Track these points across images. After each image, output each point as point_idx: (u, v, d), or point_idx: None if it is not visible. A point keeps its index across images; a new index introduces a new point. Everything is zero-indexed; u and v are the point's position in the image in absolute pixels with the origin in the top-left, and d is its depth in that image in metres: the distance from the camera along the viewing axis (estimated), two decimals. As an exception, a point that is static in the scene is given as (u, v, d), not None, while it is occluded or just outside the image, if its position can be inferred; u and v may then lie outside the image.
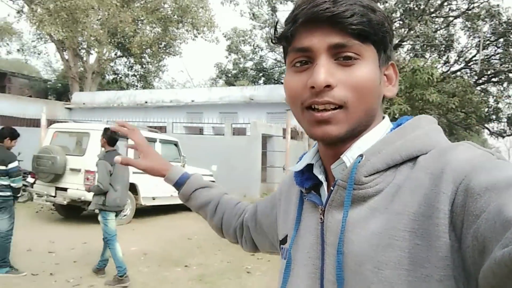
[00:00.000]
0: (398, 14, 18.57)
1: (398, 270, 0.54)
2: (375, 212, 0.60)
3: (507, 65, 19.20)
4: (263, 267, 5.87)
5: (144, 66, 28.35)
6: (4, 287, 4.51)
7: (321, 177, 0.70)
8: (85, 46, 23.70)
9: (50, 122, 12.69)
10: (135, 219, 8.79)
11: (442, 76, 16.97)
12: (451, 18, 19.05)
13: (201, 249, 6.72)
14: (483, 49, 18.75)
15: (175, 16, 24.44)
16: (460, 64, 20.56)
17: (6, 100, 18.93)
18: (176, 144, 9.95)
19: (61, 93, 27.84)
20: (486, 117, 19.16)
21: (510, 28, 18.04)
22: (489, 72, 19.73)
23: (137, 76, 29.32)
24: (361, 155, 0.62)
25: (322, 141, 0.66)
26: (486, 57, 19.37)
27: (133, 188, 8.74)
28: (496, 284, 0.41)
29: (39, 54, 27.89)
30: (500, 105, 19.11)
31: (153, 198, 9.32)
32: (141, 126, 13.10)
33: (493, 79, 20.19)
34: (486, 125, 20.29)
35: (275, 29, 0.66)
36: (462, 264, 0.50)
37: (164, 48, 26.39)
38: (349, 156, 0.64)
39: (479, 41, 18.39)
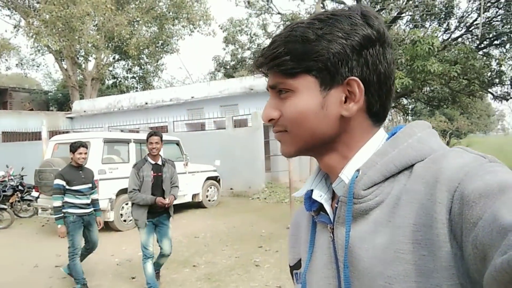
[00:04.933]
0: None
1: (407, 283, 0.55)
2: (378, 226, 0.61)
3: (509, 26, 18.71)
4: (271, 259, 5.81)
5: (142, 67, 28.32)
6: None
7: (320, 198, 0.72)
8: (83, 54, 23.69)
9: (53, 134, 12.73)
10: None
11: (443, 45, 16.62)
12: (450, -17, 18.55)
13: (208, 247, 6.67)
14: (484, 11, 18.30)
15: (170, 13, 24.30)
16: (461, 30, 20.09)
17: (7, 116, 19.03)
18: (177, 143, 9.87)
19: (62, 103, 27.97)
20: (489, 81, 18.76)
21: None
22: (491, 35, 19.26)
23: (136, 78, 29.31)
24: (357, 170, 0.64)
25: (284, 156, 0.74)
26: (487, 19, 18.90)
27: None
28: None
29: (38, 66, 28.02)
30: (503, 68, 18.63)
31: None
32: (142, 128, 13.08)
33: (495, 42, 19.70)
34: (489, 89, 19.86)
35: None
36: (467, 271, 0.51)
37: (162, 47, 26.31)
38: (346, 173, 0.67)
39: (480, 3, 17.92)
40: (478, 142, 66.53)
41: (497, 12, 19.17)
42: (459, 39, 19.68)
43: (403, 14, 18.82)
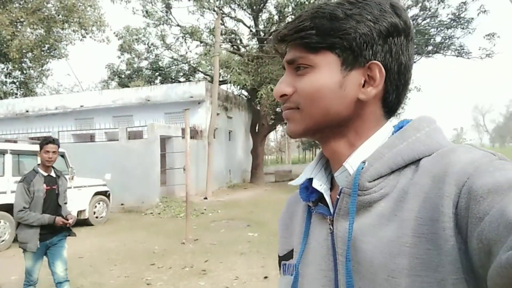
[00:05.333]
0: (290, 9, 19.18)
1: (411, 277, 0.54)
2: (382, 219, 0.60)
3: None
4: (164, 277, 5.56)
5: (24, 71, 25.73)
6: None
7: (321, 188, 0.71)
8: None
9: None
10: (15, 243, 7.82)
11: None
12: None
13: (94, 267, 6.15)
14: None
15: (60, 16, 22.50)
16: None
17: None
18: (63, 155, 9.04)
19: None
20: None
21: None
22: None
23: (17, 83, 26.49)
24: (363, 161, 0.63)
25: (289, 136, 0.71)
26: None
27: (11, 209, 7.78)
28: (504, 286, 0.42)
29: None
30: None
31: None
32: (21, 138, 11.80)
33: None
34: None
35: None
36: (471, 266, 0.50)
37: (48, 51, 24.23)
38: (351, 163, 0.65)
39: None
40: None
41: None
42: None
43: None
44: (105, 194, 10.42)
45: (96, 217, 10.03)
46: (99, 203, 10.15)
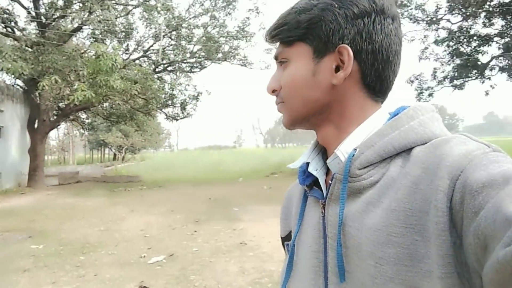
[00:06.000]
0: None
1: (397, 265, 0.55)
2: (370, 206, 0.61)
3: (180, 56, 21.60)
4: None
5: None
6: None
7: (316, 172, 0.72)
8: None
9: None
10: None
11: (124, 63, 17.34)
12: (130, 7, 19.51)
13: None
14: (159, 40, 20.37)
15: None
16: (139, 53, 21.61)
17: None
18: None
19: None
20: (163, 102, 21.08)
21: (181, 22, 20.16)
22: (164, 62, 21.62)
23: None
24: (355, 149, 0.64)
25: (285, 127, 0.76)
26: (162, 47, 21.08)
27: None
28: (500, 281, 0.42)
29: None
30: (174, 92, 21.51)
31: None
32: None
33: (168, 68, 22.32)
34: (163, 110, 22.36)
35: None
36: (465, 260, 0.50)
37: None
38: (343, 150, 0.66)
39: (157, 32, 19.82)
40: (150, 157, 73.05)
41: (169, 42, 21.77)
42: (137, 61, 21.08)
43: (85, 27, 18.51)
44: None
45: None
46: None
